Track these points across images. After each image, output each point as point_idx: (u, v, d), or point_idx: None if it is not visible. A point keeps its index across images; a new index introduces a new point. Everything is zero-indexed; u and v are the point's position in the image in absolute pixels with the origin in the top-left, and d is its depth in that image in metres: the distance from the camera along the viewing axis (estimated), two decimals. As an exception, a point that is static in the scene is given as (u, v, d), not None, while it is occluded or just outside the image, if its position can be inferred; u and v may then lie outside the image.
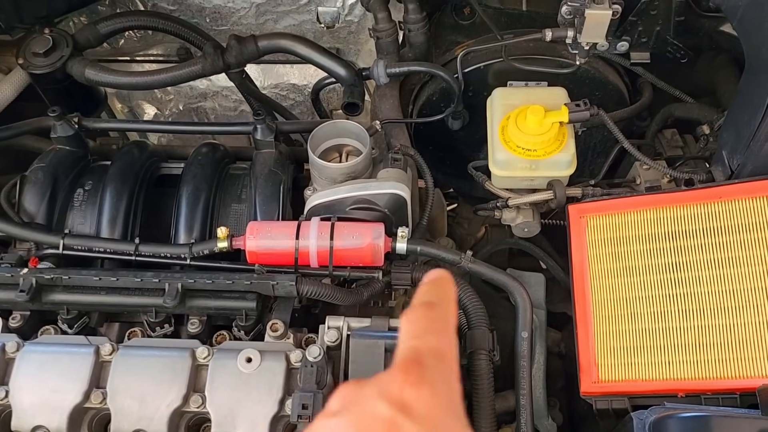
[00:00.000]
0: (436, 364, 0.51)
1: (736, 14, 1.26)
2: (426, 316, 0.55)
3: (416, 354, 0.51)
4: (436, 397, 0.49)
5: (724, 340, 1.13)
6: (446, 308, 0.56)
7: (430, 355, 0.51)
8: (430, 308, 0.55)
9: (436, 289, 0.57)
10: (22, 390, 1.10)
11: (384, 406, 0.47)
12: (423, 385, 0.49)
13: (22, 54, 1.51)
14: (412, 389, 0.48)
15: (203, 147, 1.47)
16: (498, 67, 1.54)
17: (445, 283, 0.58)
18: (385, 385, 0.49)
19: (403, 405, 0.47)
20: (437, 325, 0.54)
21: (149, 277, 1.20)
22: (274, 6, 1.73)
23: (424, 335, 0.53)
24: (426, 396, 0.48)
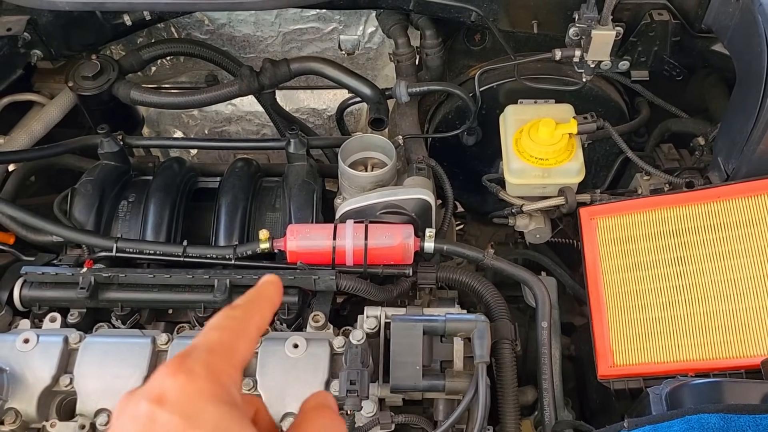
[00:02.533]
0: (203, 355, 0.51)
1: (727, 34, 1.40)
2: (220, 316, 0.56)
3: (186, 350, 0.52)
4: (192, 383, 0.49)
5: (727, 324, 1.24)
6: (247, 308, 0.57)
7: (201, 348, 0.52)
8: (230, 308, 0.57)
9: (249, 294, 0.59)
10: (86, 377, 1.19)
11: (143, 404, 0.48)
12: (179, 374, 0.49)
13: (72, 77, 1.63)
14: (168, 379, 0.49)
15: (239, 162, 1.58)
16: (509, 86, 1.67)
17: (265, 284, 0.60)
18: (150, 384, 0.50)
19: (158, 397, 0.48)
20: (227, 323, 0.55)
21: (200, 273, 1.30)
22: (299, 35, 1.87)
23: (207, 332, 0.54)
24: (181, 383, 0.49)
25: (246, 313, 0.57)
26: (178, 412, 0.48)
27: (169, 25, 1.83)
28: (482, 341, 1.14)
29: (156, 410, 0.48)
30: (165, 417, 0.47)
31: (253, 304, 0.58)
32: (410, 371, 1.14)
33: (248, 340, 0.55)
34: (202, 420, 0.48)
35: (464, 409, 1.12)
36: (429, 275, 1.38)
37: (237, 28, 1.86)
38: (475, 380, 1.12)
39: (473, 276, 1.38)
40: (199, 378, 0.50)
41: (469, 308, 1.48)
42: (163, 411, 0.48)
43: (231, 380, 0.52)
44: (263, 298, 0.59)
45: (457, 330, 1.18)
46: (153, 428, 0.47)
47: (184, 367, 0.50)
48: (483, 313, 1.37)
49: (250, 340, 0.56)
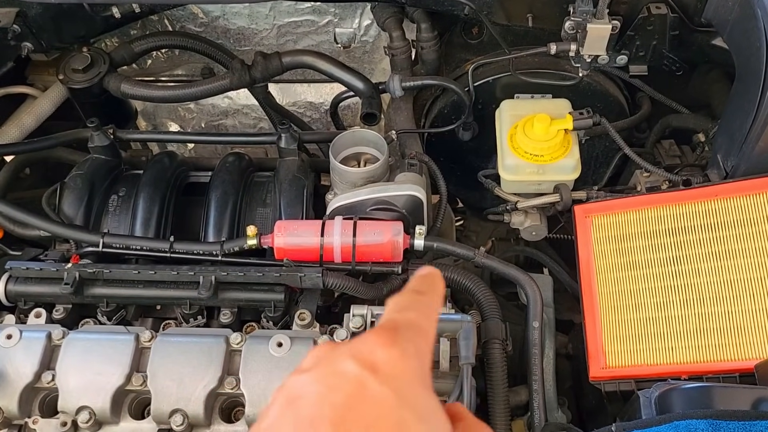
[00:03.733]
0: (410, 334, 0.51)
1: (726, 28, 1.36)
2: (411, 298, 0.56)
3: (393, 323, 0.52)
4: (405, 360, 0.49)
5: (722, 326, 1.21)
6: (432, 296, 0.57)
7: (406, 326, 0.52)
8: (416, 293, 0.57)
9: (426, 281, 0.59)
10: (68, 373, 1.17)
11: (352, 365, 0.47)
12: (393, 348, 0.49)
13: (62, 70, 1.61)
14: (382, 350, 0.49)
15: (230, 156, 1.56)
16: (506, 80, 1.64)
17: (434, 277, 0.60)
18: (358, 346, 0.49)
19: (371, 364, 0.48)
20: (420, 306, 0.55)
21: (185, 270, 1.29)
22: (294, 28, 1.85)
23: (404, 311, 0.54)
24: (394, 357, 0.48)
25: (432, 300, 0.57)
26: (391, 386, 0.47)
27: (162, 17, 1.81)
28: (468, 342, 1.12)
29: (368, 377, 0.47)
30: (377, 387, 0.46)
31: (435, 293, 0.58)
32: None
33: (435, 326, 0.56)
34: (412, 401, 0.47)
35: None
36: (420, 273, 1.36)
37: (231, 20, 1.84)
38: (460, 381, 1.10)
39: (465, 274, 1.36)
40: (411, 357, 0.49)
41: (464, 306, 1.46)
42: (376, 381, 0.47)
43: (430, 366, 0.52)
44: (439, 289, 0.59)
45: (442, 330, 1.16)
46: (362, 395, 0.46)
47: (397, 341, 0.49)
48: (477, 312, 1.35)
49: (435, 328, 0.56)
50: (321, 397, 0.46)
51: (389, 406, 0.46)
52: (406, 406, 0.46)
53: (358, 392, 0.46)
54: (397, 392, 0.47)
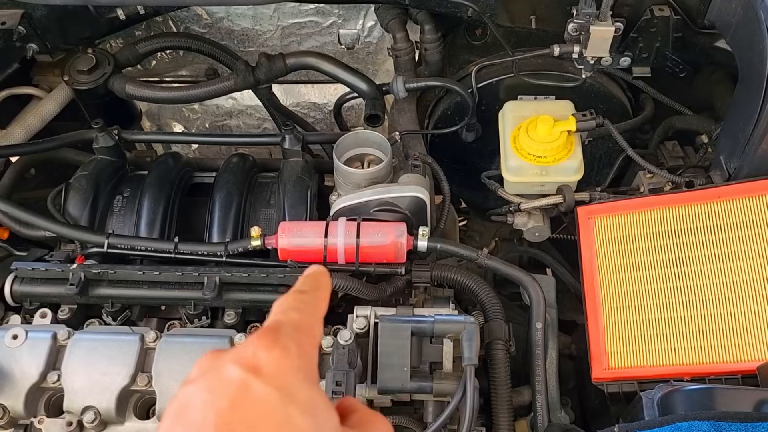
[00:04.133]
0: (292, 333, 0.52)
1: (729, 30, 1.37)
2: (294, 297, 0.57)
3: (275, 323, 0.53)
4: (287, 358, 0.49)
5: (725, 328, 1.21)
6: (315, 294, 0.58)
7: (288, 325, 0.53)
8: (299, 293, 0.58)
9: (309, 280, 0.60)
10: (74, 373, 1.18)
11: (236, 369, 0.48)
12: (274, 348, 0.49)
13: (67, 71, 1.62)
14: (263, 351, 0.49)
15: (234, 157, 1.57)
16: (509, 82, 1.65)
17: (318, 275, 0.61)
18: (240, 351, 0.50)
19: (253, 367, 0.48)
20: (302, 305, 0.56)
21: (189, 271, 1.30)
22: (298, 29, 1.86)
23: (287, 311, 0.55)
24: (276, 357, 0.49)
25: (315, 297, 0.58)
26: (274, 385, 0.48)
27: (167, 18, 1.82)
28: (471, 343, 1.12)
29: (251, 380, 0.48)
30: (261, 388, 0.47)
31: (318, 290, 0.59)
32: (398, 373, 1.12)
33: (320, 323, 0.57)
34: (298, 397, 0.48)
35: (452, 412, 1.10)
36: (424, 274, 1.36)
37: (236, 21, 1.85)
38: (463, 382, 1.10)
39: (468, 275, 1.36)
40: (294, 355, 0.50)
41: (467, 306, 1.46)
42: (258, 382, 0.48)
43: (315, 362, 0.53)
44: (323, 286, 0.60)
45: (445, 331, 1.16)
46: (247, 397, 0.47)
47: (279, 342, 0.50)
48: (480, 312, 1.35)
49: (320, 324, 0.57)
50: (206, 404, 0.47)
51: (273, 405, 0.47)
52: (290, 402, 0.47)
53: (242, 394, 0.47)
54: (281, 390, 0.48)
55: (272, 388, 0.47)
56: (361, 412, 0.58)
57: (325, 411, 0.50)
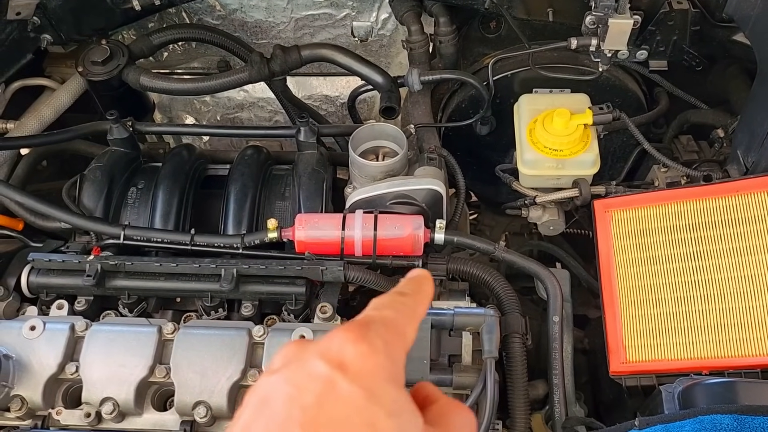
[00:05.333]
0: (382, 330, 0.50)
1: (748, 23, 1.36)
2: (391, 298, 0.56)
3: (366, 319, 0.52)
4: (374, 355, 0.48)
5: (743, 321, 1.21)
6: (415, 298, 0.57)
7: (380, 323, 0.51)
8: (399, 294, 0.56)
9: (412, 283, 0.59)
10: (92, 365, 1.18)
11: (321, 365, 0.47)
12: (361, 343, 0.48)
13: (81, 62, 1.62)
14: (350, 346, 0.48)
15: (248, 149, 1.56)
16: (524, 75, 1.64)
17: (422, 279, 0.60)
18: (326, 344, 0.49)
19: (339, 363, 0.47)
20: (398, 306, 0.55)
21: (207, 263, 1.29)
22: (312, 21, 1.85)
23: (381, 309, 0.54)
24: (363, 353, 0.48)
25: (414, 301, 0.57)
26: (360, 384, 0.47)
27: (180, 10, 1.81)
28: (491, 336, 1.12)
29: (337, 376, 0.47)
30: (346, 386, 0.46)
31: (419, 294, 0.58)
32: (417, 365, 1.12)
33: (414, 326, 0.55)
34: (383, 399, 0.47)
35: (472, 405, 1.10)
36: (439, 267, 1.36)
37: (249, 13, 1.84)
38: (483, 376, 1.10)
39: (484, 268, 1.36)
40: (381, 353, 0.49)
41: (481, 299, 1.46)
42: (344, 380, 0.47)
43: (402, 362, 0.52)
44: (425, 292, 0.59)
45: (465, 324, 1.16)
46: (333, 395, 0.46)
47: (367, 338, 0.49)
48: (495, 305, 1.35)
49: (415, 328, 0.55)
50: (291, 399, 0.46)
51: (358, 405, 0.46)
52: (375, 404, 0.46)
53: (327, 392, 0.46)
54: (367, 390, 0.47)
55: (358, 387, 0.46)
56: (440, 403, 0.56)
57: (409, 412, 0.49)
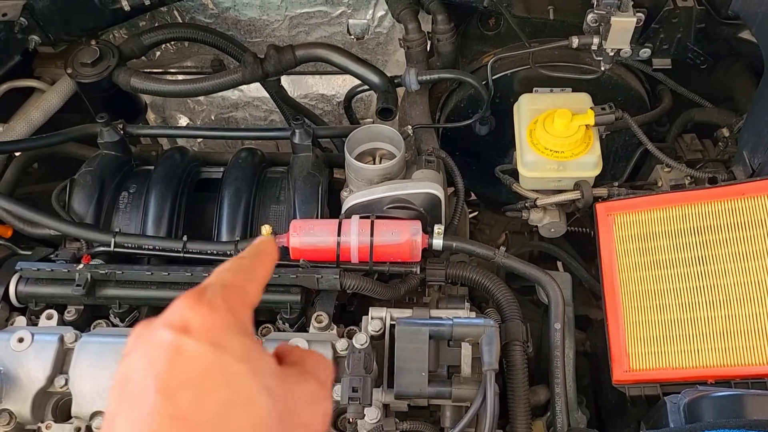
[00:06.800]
0: (219, 290, 0.53)
1: (755, 21, 1.32)
2: (230, 262, 0.58)
3: (203, 285, 0.54)
4: (214, 313, 0.50)
5: (750, 328, 1.18)
6: (253, 259, 0.59)
7: (217, 284, 0.54)
8: (238, 258, 0.59)
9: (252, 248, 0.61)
10: (82, 378, 1.15)
11: (167, 333, 0.49)
12: (200, 306, 0.50)
13: (71, 64, 1.58)
14: (190, 310, 0.50)
15: (242, 152, 1.53)
16: (524, 74, 1.60)
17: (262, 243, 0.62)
18: (168, 314, 0.51)
19: (183, 327, 0.49)
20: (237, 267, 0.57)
21: (199, 271, 1.26)
22: (307, 19, 1.81)
23: (219, 272, 0.56)
24: (203, 313, 0.50)
25: (253, 261, 0.59)
26: (205, 340, 0.49)
27: (171, 9, 1.77)
28: (491, 348, 1.09)
29: (182, 339, 0.49)
30: (192, 345, 0.48)
31: (258, 255, 0.60)
32: (415, 378, 1.09)
33: (257, 284, 0.57)
34: (230, 348, 0.49)
35: (471, 418, 1.08)
36: (438, 272, 1.33)
37: (242, 11, 1.80)
38: (483, 388, 1.07)
39: (484, 274, 1.33)
40: (220, 310, 0.51)
41: (481, 304, 1.43)
42: (189, 340, 0.48)
43: (246, 317, 0.54)
44: (265, 252, 0.61)
45: (464, 335, 1.13)
46: (180, 357, 0.48)
47: (204, 299, 0.51)
48: (494, 310, 1.32)
49: (259, 286, 0.58)
50: (145, 371, 0.48)
51: (207, 359, 0.48)
52: (223, 353, 0.49)
53: (176, 355, 0.48)
54: (212, 343, 0.49)
55: (204, 343, 0.48)
56: (295, 351, 0.60)
57: (259, 355, 0.52)
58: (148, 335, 0.50)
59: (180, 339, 0.48)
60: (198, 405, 0.47)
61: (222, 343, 0.49)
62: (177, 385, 0.47)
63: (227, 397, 0.48)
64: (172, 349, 0.48)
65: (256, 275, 0.58)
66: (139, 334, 0.51)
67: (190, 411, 0.46)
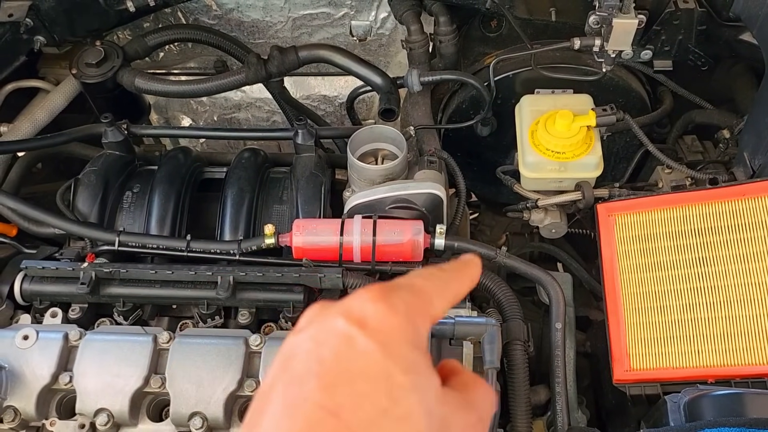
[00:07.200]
0: (406, 295, 0.51)
1: (756, 23, 1.33)
2: (428, 270, 0.56)
3: (393, 283, 0.52)
4: (394, 316, 0.49)
5: (750, 329, 1.18)
6: (453, 274, 0.57)
7: (405, 288, 0.52)
8: (437, 268, 0.57)
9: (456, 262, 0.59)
10: (86, 375, 1.16)
11: (341, 321, 0.48)
12: (382, 303, 0.49)
13: (75, 64, 1.59)
14: (370, 305, 0.49)
15: (245, 152, 1.54)
16: (526, 75, 1.61)
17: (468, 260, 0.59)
18: (348, 302, 0.50)
19: (359, 320, 0.48)
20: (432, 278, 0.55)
21: (203, 270, 1.27)
22: (310, 20, 1.82)
23: (412, 277, 0.54)
24: (382, 312, 0.49)
25: (451, 276, 0.57)
26: (377, 340, 0.47)
27: (175, 10, 1.79)
28: (492, 346, 1.09)
29: (355, 332, 0.48)
30: (364, 341, 0.47)
31: (458, 272, 0.58)
32: (417, 376, 1.10)
33: (445, 300, 0.55)
34: (399, 355, 0.48)
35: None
36: (439, 272, 1.33)
37: (245, 13, 1.81)
38: (484, 386, 1.08)
39: (485, 273, 1.34)
40: (400, 314, 0.49)
41: (481, 303, 1.43)
42: (362, 335, 0.47)
43: (424, 329, 0.52)
44: (467, 274, 0.58)
45: (466, 334, 1.13)
46: (351, 349, 0.47)
47: (388, 298, 0.50)
48: (495, 310, 1.33)
49: (446, 302, 0.55)
50: (310, 354, 0.48)
51: (375, 359, 0.47)
52: (391, 359, 0.47)
53: (345, 347, 0.47)
54: (384, 346, 0.47)
55: (375, 343, 0.47)
56: (464, 375, 0.56)
57: (426, 371, 0.50)
58: (323, 317, 0.50)
59: (352, 330, 0.48)
60: (354, 405, 0.45)
61: (393, 348, 0.48)
62: (338, 377, 0.46)
63: (384, 407, 0.46)
64: (343, 338, 0.47)
65: (448, 289, 0.56)
66: (314, 315, 0.51)
67: (344, 409, 0.45)
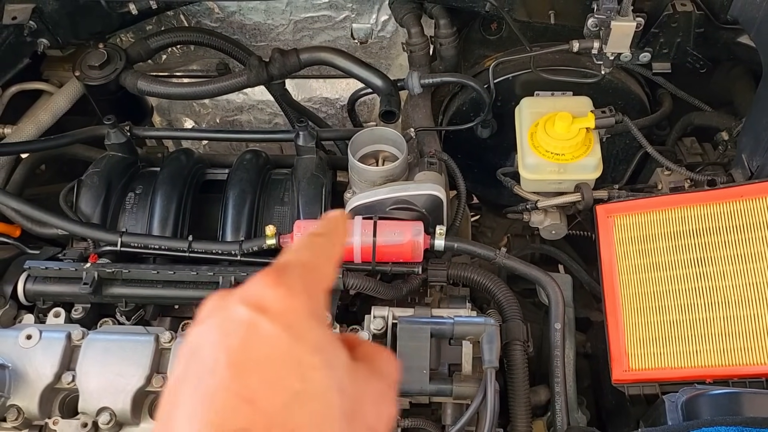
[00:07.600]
0: (300, 271, 0.52)
1: (754, 25, 1.34)
2: (306, 239, 0.56)
3: (282, 264, 0.52)
4: (294, 296, 0.49)
5: (748, 329, 1.19)
6: (329, 237, 0.57)
7: (296, 265, 0.52)
8: (314, 236, 0.57)
9: (327, 224, 0.59)
10: (89, 374, 1.17)
11: (243, 309, 0.48)
12: (279, 286, 0.49)
13: (79, 67, 1.60)
14: (269, 290, 0.49)
15: (247, 154, 1.55)
16: (525, 77, 1.62)
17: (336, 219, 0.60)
18: (246, 290, 0.50)
19: (260, 306, 0.48)
20: (315, 247, 0.56)
21: (204, 270, 1.28)
22: (311, 23, 1.83)
23: (297, 250, 0.55)
24: (282, 295, 0.49)
25: (329, 240, 0.57)
26: (282, 323, 0.47)
27: (178, 13, 1.80)
28: (491, 346, 1.10)
29: (259, 318, 0.47)
30: (268, 326, 0.47)
31: (334, 234, 0.58)
32: (417, 375, 1.11)
33: (333, 264, 0.55)
34: (305, 336, 0.48)
35: (471, 416, 1.09)
36: (440, 272, 1.35)
37: (247, 16, 1.82)
38: (483, 386, 1.09)
39: (485, 274, 1.35)
40: (300, 294, 0.50)
41: (482, 305, 1.44)
42: (266, 320, 0.47)
43: (322, 301, 0.52)
44: (340, 231, 0.59)
45: (465, 333, 1.14)
46: (257, 335, 0.47)
47: (284, 280, 0.50)
48: (496, 310, 1.34)
49: (333, 267, 0.56)
50: (217, 344, 0.47)
51: (283, 343, 0.47)
52: (298, 341, 0.47)
53: (251, 334, 0.47)
54: (289, 328, 0.48)
55: (280, 326, 0.47)
56: (364, 345, 0.57)
57: (333, 347, 0.50)
58: (223, 307, 0.49)
59: (256, 317, 0.47)
60: (267, 391, 0.45)
61: (298, 329, 0.48)
62: (249, 364, 0.46)
63: (297, 388, 0.46)
64: (248, 326, 0.47)
65: (332, 252, 0.56)
66: (214, 304, 0.51)
67: (258, 395, 0.45)
